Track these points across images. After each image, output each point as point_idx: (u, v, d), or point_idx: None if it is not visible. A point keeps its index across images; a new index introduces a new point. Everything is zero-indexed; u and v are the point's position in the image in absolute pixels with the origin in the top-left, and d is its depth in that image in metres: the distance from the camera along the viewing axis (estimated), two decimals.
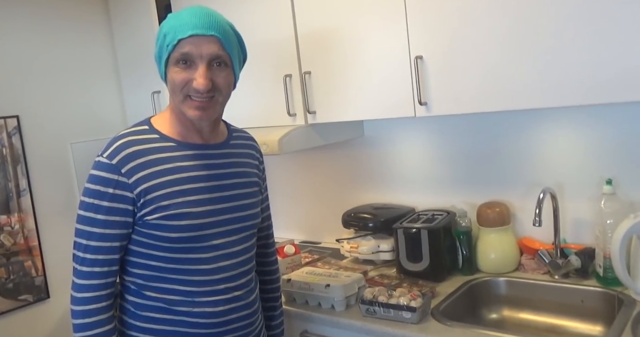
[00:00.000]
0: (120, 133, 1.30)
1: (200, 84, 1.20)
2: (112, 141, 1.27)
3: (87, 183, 1.24)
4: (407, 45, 1.69)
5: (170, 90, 1.26)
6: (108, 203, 1.22)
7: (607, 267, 1.64)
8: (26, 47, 2.40)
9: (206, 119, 1.28)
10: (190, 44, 1.20)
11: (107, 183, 1.22)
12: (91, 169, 1.25)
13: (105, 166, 1.23)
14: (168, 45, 1.21)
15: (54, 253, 2.46)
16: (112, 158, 1.23)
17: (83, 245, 1.23)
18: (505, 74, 1.54)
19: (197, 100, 1.23)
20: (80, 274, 1.23)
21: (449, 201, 2.08)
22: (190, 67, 1.22)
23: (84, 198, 1.24)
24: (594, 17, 1.39)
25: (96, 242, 1.23)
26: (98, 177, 1.23)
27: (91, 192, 1.23)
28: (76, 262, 1.24)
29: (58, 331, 2.47)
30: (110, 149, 1.25)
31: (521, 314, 1.78)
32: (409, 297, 1.56)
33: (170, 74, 1.24)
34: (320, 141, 2.07)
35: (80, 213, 1.24)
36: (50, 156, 2.47)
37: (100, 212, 1.22)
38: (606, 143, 1.75)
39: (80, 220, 1.24)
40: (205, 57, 1.21)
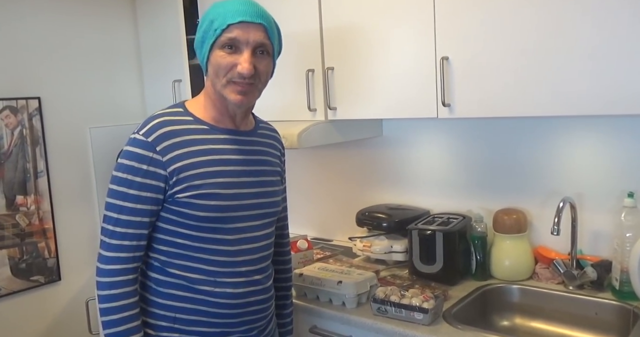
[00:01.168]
0: (156, 113, 1.32)
1: (245, 68, 1.24)
2: (149, 120, 1.29)
3: (121, 159, 1.27)
4: (434, 45, 1.68)
5: (213, 74, 1.28)
6: (141, 179, 1.25)
7: (624, 280, 1.62)
8: (50, 30, 2.41)
9: (246, 104, 1.32)
10: (238, 30, 1.24)
11: (141, 159, 1.24)
12: (125, 146, 1.27)
13: (140, 143, 1.25)
14: (216, 29, 1.24)
15: (67, 236, 2.48)
16: (148, 136, 1.26)
17: (114, 218, 1.25)
18: (531, 80, 1.52)
19: (240, 85, 1.27)
20: (109, 247, 1.25)
21: (465, 206, 2.07)
22: (235, 52, 1.26)
23: (117, 173, 1.26)
24: (622, 29, 1.37)
25: (127, 216, 1.25)
26: (133, 153, 1.25)
27: (125, 167, 1.25)
28: (105, 235, 1.26)
29: (68, 312, 2.49)
30: (147, 127, 1.27)
31: (533, 323, 1.76)
32: (421, 298, 1.55)
33: (214, 58, 1.27)
34: (338, 138, 2.07)
35: (112, 187, 1.26)
36: (69, 139, 2.49)
37: (133, 188, 1.24)
38: (630, 155, 1.72)
39: (112, 194, 1.26)
40: (251, 44, 1.25)
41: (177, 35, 2.39)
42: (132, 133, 1.29)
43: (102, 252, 1.26)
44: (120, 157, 1.28)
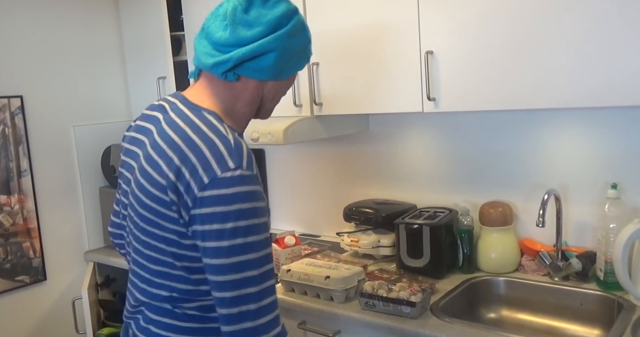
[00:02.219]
0: (231, 139, 1.07)
1: (284, 95, 1.26)
2: (237, 150, 1.06)
3: (228, 206, 1.00)
4: (419, 39, 1.68)
5: (284, 91, 1.23)
6: (265, 218, 1.06)
7: (608, 271, 1.64)
8: (32, 27, 2.38)
9: (267, 117, 1.29)
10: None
11: (262, 196, 1.05)
12: (223, 188, 1.00)
13: (254, 179, 1.04)
14: (310, 56, 1.22)
15: (52, 235, 2.45)
16: (251, 169, 1.05)
17: (270, 270, 1.05)
18: (515, 73, 1.53)
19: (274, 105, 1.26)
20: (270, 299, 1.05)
21: (451, 199, 2.08)
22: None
23: (251, 221, 1.01)
24: (604, 21, 1.38)
25: (270, 264, 1.07)
26: (255, 192, 1.03)
27: (257, 211, 1.02)
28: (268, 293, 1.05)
29: (54, 312, 2.47)
30: (245, 159, 1.05)
31: (519, 314, 1.77)
32: (408, 292, 1.56)
33: (289, 79, 1.21)
34: (324, 134, 2.06)
35: (252, 240, 1.02)
36: (52, 138, 2.46)
37: (263, 232, 1.04)
38: (613, 147, 1.74)
39: (256, 246, 1.02)
40: None
41: (161, 32, 2.37)
42: (223, 171, 1.01)
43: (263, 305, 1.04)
44: (222, 204, 1.00)
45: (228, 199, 1.00)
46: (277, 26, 1.12)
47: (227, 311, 1.02)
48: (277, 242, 1.98)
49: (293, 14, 1.14)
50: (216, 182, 1.01)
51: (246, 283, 1.01)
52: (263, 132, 1.95)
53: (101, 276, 2.54)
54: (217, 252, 1.01)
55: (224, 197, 1.00)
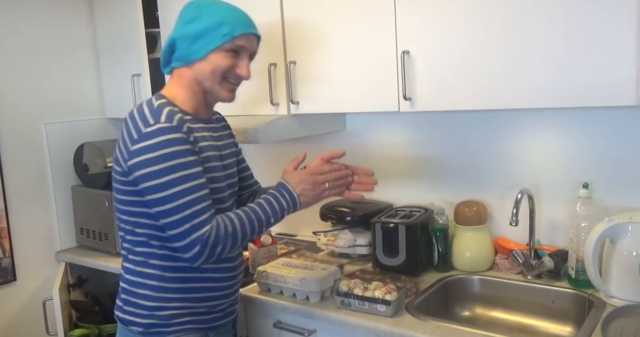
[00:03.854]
0: (155, 104, 1.35)
1: (245, 73, 1.41)
2: (158, 110, 1.32)
3: (154, 152, 1.26)
4: (395, 39, 1.69)
5: (209, 72, 1.37)
6: (192, 157, 1.30)
7: (579, 269, 1.66)
8: (2, 21, 2.33)
9: (232, 100, 1.46)
10: (246, 39, 1.39)
11: (179, 142, 1.28)
12: (148, 140, 1.27)
13: (168, 130, 1.28)
14: (226, 35, 1.35)
15: (22, 235, 2.40)
16: (170, 121, 1.29)
17: (193, 199, 1.28)
18: (489, 73, 1.55)
19: (234, 85, 1.43)
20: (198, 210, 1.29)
21: (427, 198, 2.09)
22: (236, 56, 1.39)
23: (161, 165, 1.26)
24: (576, 24, 1.41)
25: (203, 190, 1.31)
26: (167, 140, 1.27)
27: (168, 155, 1.27)
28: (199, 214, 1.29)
29: (24, 313, 2.42)
30: (164, 115, 1.30)
31: (493, 312, 1.79)
32: (384, 290, 1.56)
33: (216, 58, 1.37)
34: (301, 132, 2.06)
35: (165, 179, 1.27)
36: (23, 135, 2.41)
37: (190, 167, 1.29)
38: (584, 148, 1.77)
39: (170, 184, 1.27)
40: (250, 51, 1.42)
41: (135, 29, 2.33)
42: (146, 126, 1.28)
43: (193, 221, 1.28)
44: (151, 151, 1.26)
45: (153, 147, 1.27)
46: (176, 20, 1.41)
47: (173, 232, 1.29)
48: (253, 241, 1.97)
49: (188, 5, 1.40)
50: (143, 136, 1.28)
51: (184, 207, 1.27)
52: (239, 131, 1.93)
53: (73, 277, 2.49)
54: (153, 189, 1.28)
55: (150, 147, 1.27)
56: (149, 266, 1.39)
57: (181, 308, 1.41)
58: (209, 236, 1.28)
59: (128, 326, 1.43)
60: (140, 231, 1.38)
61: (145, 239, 1.38)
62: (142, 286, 1.40)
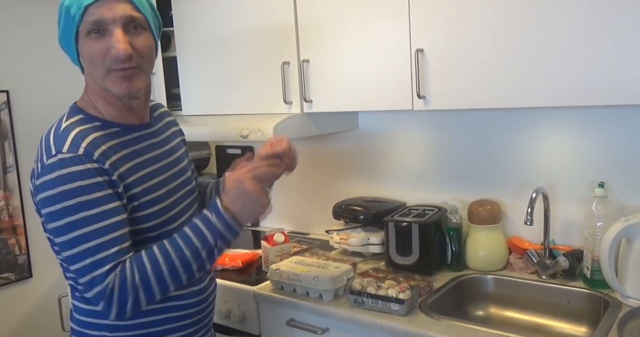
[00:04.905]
0: (63, 125, 1.14)
1: (120, 49, 1.09)
2: (63, 134, 1.11)
3: (52, 189, 1.06)
4: (409, 37, 1.68)
5: (90, 67, 1.14)
6: (99, 193, 1.08)
7: (594, 269, 1.65)
8: (18, 22, 2.35)
9: (134, 92, 1.16)
10: (98, 9, 1.09)
11: (86, 175, 1.07)
12: (47, 175, 1.07)
13: (71, 161, 1.07)
14: (74, 16, 1.09)
15: (38, 232, 2.41)
16: (75, 150, 1.08)
17: (93, 246, 1.07)
18: (504, 72, 1.54)
19: (121, 71, 1.12)
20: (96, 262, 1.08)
21: (440, 197, 2.08)
22: (105, 35, 1.10)
23: (60, 205, 1.06)
24: (593, 22, 1.39)
25: (112, 233, 1.08)
26: (70, 174, 1.06)
27: (70, 192, 1.06)
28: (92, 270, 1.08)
29: (40, 310, 2.44)
30: (67, 143, 1.09)
31: (507, 312, 1.78)
32: (397, 289, 1.56)
33: (83, 49, 1.12)
34: (314, 131, 2.06)
35: (64, 222, 1.07)
36: (38, 134, 2.38)
37: (94, 206, 1.07)
38: (600, 147, 1.76)
39: (70, 228, 1.07)
40: (118, 21, 1.10)
41: None
42: (48, 157, 1.08)
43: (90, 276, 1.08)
44: (48, 188, 1.06)
45: (52, 183, 1.07)
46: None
47: (82, 280, 1.09)
48: (266, 239, 1.98)
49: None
50: (44, 169, 1.08)
51: (85, 255, 1.07)
52: (252, 129, 1.94)
53: None
54: (56, 231, 1.09)
55: (49, 182, 1.07)
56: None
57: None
58: (111, 289, 1.07)
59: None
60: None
61: None
62: (94, 326, 1.20)
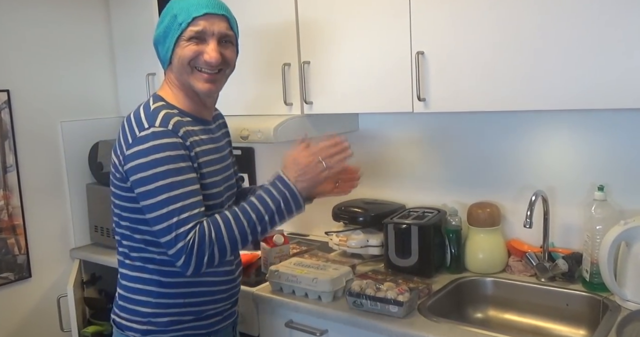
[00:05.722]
0: (152, 107, 1.32)
1: (212, 57, 1.31)
2: (154, 113, 1.29)
3: (147, 156, 1.24)
4: (410, 40, 1.69)
5: (179, 64, 1.33)
6: (184, 163, 1.26)
7: (593, 272, 1.65)
8: (20, 20, 2.35)
9: (214, 92, 1.38)
10: (204, 22, 1.30)
11: (174, 147, 1.25)
12: (143, 143, 1.24)
13: (163, 134, 1.25)
14: (181, 23, 1.29)
15: (38, 232, 2.42)
16: (166, 125, 1.27)
17: (180, 207, 1.24)
18: (505, 74, 1.54)
19: (207, 73, 1.33)
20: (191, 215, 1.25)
21: (440, 200, 2.08)
22: (201, 43, 1.32)
23: (154, 170, 1.23)
24: (594, 26, 1.40)
25: (193, 198, 1.25)
26: (162, 145, 1.24)
27: (161, 160, 1.23)
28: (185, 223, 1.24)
29: (39, 310, 2.44)
30: (159, 119, 1.27)
31: (506, 314, 1.78)
32: (396, 291, 1.56)
33: (179, 50, 1.32)
34: (314, 132, 2.06)
35: (157, 185, 1.23)
36: (39, 133, 2.43)
37: (181, 174, 1.25)
38: (600, 150, 1.76)
39: (161, 190, 1.23)
40: (216, 35, 1.32)
41: (150, 28, 2.34)
42: (141, 130, 1.26)
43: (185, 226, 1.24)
44: (143, 156, 1.24)
45: (145, 152, 1.24)
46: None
47: (165, 238, 1.24)
48: (266, 241, 1.98)
49: (164, 9, 1.36)
50: (137, 140, 1.25)
51: (171, 215, 1.23)
52: (253, 130, 1.94)
53: (87, 274, 2.51)
54: (145, 195, 1.25)
55: (142, 151, 1.24)
56: (147, 271, 1.36)
57: (179, 314, 1.38)
58: (192, 244, 1.23)
59: (124, 331, 1.40)
60: (138, 236, 1.35)
61: (143, 245, 1.35)
62: (140, 292, 1.38)
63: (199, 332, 1.42)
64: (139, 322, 1.38)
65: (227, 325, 1.51)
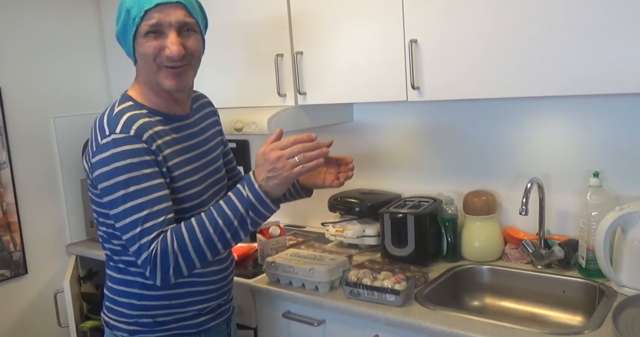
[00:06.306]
0: (116, 110, 1.27)
1: (174, 51, 1.23)
2: (116, 117, 1.24)
3: (108, 165, 1.20)
4: (402, 28, 1.68)
5: (143, 63, 1.27)
6: (147, 170, 1.21)
7: (589, 259, 1.65)
8: (10, 16, 2.33)
9: (183, 87, 1.31)
10: (157, 13, 1.22)
11: (136, 153, 1.21)
12: (103, 152, 1.21)
13: (124, 140, 1.21)
14: (135, 18, 1.23)
15: (33, 229, 2.42)
16: (127, 131, 1.22)
17: (142, 217, 1.20)
18: (498, 62, 1.53)
19: (172, 68, 1.26)
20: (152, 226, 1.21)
21: (436, 189, 2.08)
22: (160, 36, 1.24)
23: (116, 179, 1.20)
24: (585, 10, 1.39)
25: (158, 205, 1.21)
26: (123, 152, 1.20)
27: (123, 168, 1.20)
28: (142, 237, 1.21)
29: (35, 305, 2.44)
30: (120, 125, 1.23)
31: (503, 302, 1.79)
32: (393, 280, 1.56)
33: (140, 47, 1.25)
34: (309, 123, 2.05)
35: (118, 195, 1.20)
36: (32, 129, 2.42)
37: (143, 181, 1.21)
38: (595, 136, 1.76)
39: (123, 199, 1.20)
40: (174, 25, 1.23)
41: None
42: (102, 137, 1.22)
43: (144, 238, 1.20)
44: (103, 166, 1.21)
45: (106, 160, 1.21)
46: None
47: (132, 249, 1.23)
48: (262, 232, 1.97)
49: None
50: (99, 148, 1.22)
51: (136, 224, 1.20)
52: (247, 122, 1.93)
53: (83, 269, 2.51)
54: (111, 204, 1.23)
55: (104, 160, 1.21)
56: (130, 273, 1.35)
57: (165, 315, 1.36)
58: (155, 255, 1.19)
59: (113, 330, 1.40)
60: (116, 241, 1.33)
61: (122, 249, 1.33)
62: (124, 294, 1.37)
63: (188, 332, 1.40)
64: (125, 323, 1.37)
65: (219, 323, 1.48)
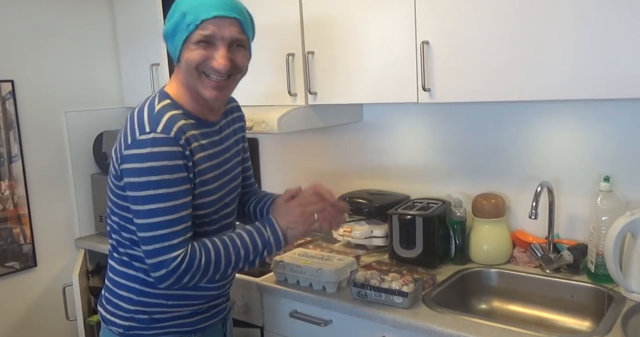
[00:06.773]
0: (157, 107, 1.27)
1: (221, 65, 1.23)
2: (157, 116, 1.24)
3: (142, 162, 1.20)
4: (414, 29, 1.67)
5: (186, 67, 1.26)
6: (178, 175, 1.22)
7: (599, 263, 1.64)
8: (24, 11, 2.35)
9: (222, 100, 1.33)
10: (213, 26, 1.22)
11: (173, 156, 1.21)
12: (142, 148, 1.20)
13: (163, 141, 1.21)
14: (189, 24, 1.22)
15: (43, 222, 2.44)
16: (168, 132, 1.22)
17: (166, 221, 1.21)
18: (510, 64, 1.53)
19: (214, 80, 1.26)
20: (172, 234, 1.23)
21: (444, 191, 2.08)
22: (210, 47, 1.24)
23: (149, 178, 1.20)
24: (601, 15, 1.38)
25: (183, 211, 1.23)
26: (160, 153, 1.20)
27: (158, 169, 1.20)
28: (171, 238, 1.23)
29: (44, 298, 2.46)
30: (162, 124, 1.23)
31: (510, 305, 1.78)
32: (401, 282, 1.56)
33: (188, 53, 1.24)
34: (319, 123, 2.05)
35: (148, 193, 1.20)
36: (44, 123, 2.44)
37: (173, 186, 1.21)
38: (606, 140, 1.75)
39: (151, 199, 1.20)
40: (227, 39, 1.24)
41: (154, 18, 2.34)
42: (141, 133, 1.21)
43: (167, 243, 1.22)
44: (138, 161, 1.20)
45: (142, 157, 1.19)
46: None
47: (145, 248, 1.24)
48: None
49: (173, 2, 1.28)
50: (136, 143, 1.20)
51: (157, 226, 1.21)
52: (257, 121, 1.94)
53: (92, 263, 2.53)
54: (134, 200, 1.22)
55: (140, 156, 1.20)
56: (132, 267, 1.35)
57: (162, 313, 1.36)
58: (178, 262, 1.22)
59: (108, 325, 1.39)
60: (126, 234, 1.32)
61: (130, 243, 1.33)
62: (124, 287, 1.36)
63: (184, 330, 1.40)
64: (121, 318, 1.37)
65: (215, 322, 1.48)
